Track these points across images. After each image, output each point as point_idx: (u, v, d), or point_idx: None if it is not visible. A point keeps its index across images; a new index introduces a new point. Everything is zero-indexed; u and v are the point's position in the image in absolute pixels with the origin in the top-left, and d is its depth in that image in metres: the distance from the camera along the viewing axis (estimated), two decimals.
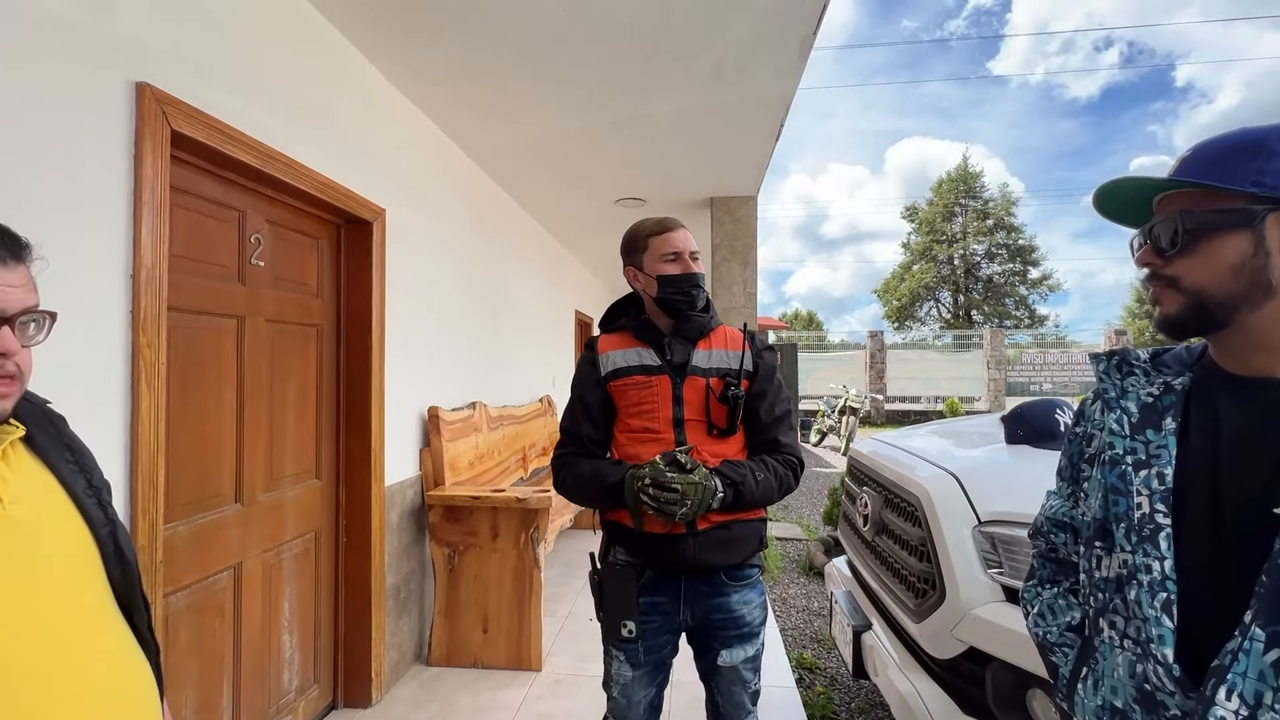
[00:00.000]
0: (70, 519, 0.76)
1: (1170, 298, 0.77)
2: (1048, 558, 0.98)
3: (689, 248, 1.43)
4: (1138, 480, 0.77)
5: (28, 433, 0.76)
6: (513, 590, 2.79)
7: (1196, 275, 0.74)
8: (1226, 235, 0.72)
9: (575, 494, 1.42)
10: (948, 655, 1.50)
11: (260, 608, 2.01)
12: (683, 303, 1.40)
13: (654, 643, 1.39)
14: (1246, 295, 0.71)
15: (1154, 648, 0.71)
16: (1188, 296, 0.75)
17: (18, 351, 0.70)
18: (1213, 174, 0.73)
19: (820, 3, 2.03)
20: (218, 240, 1.84)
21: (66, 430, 0.82)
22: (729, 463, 1.34)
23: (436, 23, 2.18)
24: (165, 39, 1.51)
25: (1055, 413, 1.72)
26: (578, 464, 1.41)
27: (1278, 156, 0.70)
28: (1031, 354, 16.73)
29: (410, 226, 2.79)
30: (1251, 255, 0.71)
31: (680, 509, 1.20)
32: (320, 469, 2.34)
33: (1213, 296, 0.73)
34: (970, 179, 30.80)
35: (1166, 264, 0.76)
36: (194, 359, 1.74)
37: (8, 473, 0.71)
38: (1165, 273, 0.76)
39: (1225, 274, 0.72)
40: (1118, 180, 0.82)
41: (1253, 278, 0.71)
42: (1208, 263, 0.73)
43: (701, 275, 1.43)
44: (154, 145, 1.45)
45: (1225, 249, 0.72)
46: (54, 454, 0.77)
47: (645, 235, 1.44)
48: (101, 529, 0.78)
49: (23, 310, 0.71)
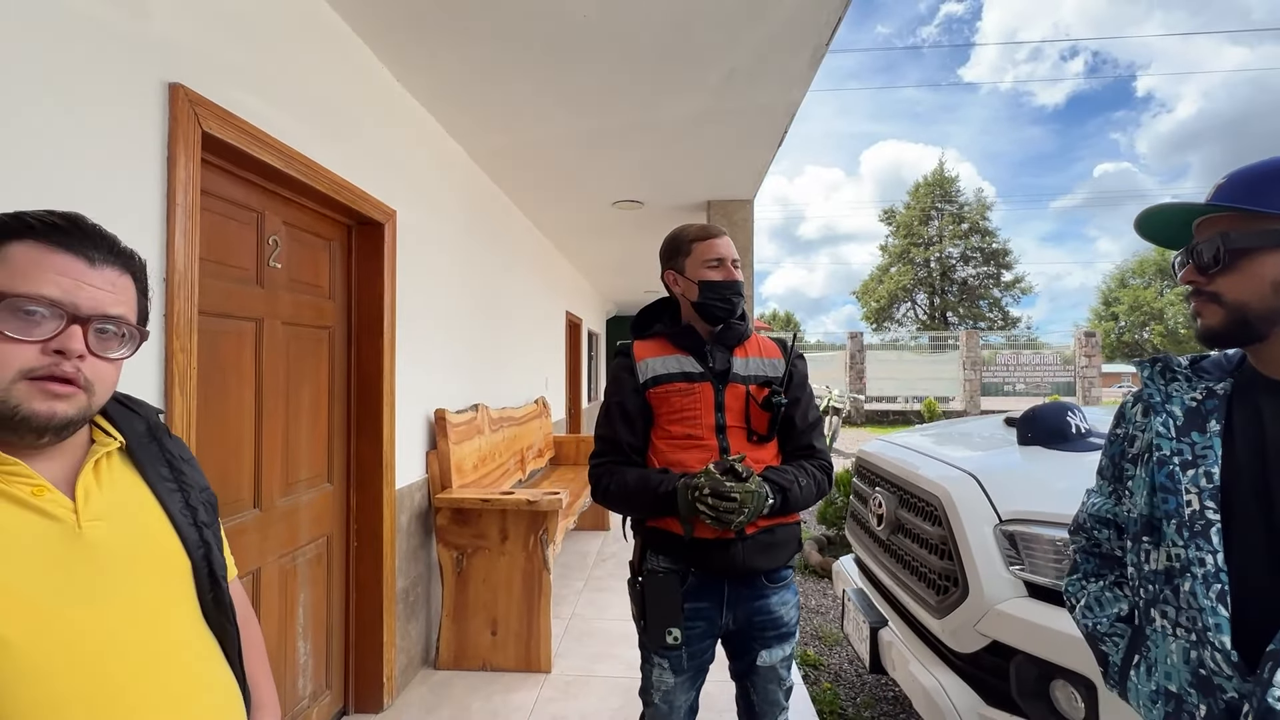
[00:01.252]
0: (164, 538, 0.73)
1: (1212, 311, 0.83)
2: (1091, 553, 1.03)
3: (732, 255, 1.45)
4: (1186, 479, 0.83)
5: (127, 445, 0.74)
6: (522, 593, 2.79)
7: (1238, 291, 0.80)
8: (1267, 254, 0.78)
9: (620, 503, 1.41)
10: (970, 649, 1.55)
11: (277, 614, 1.99)
12: (723, 309, 1.42)
13: (697, 648, 1.40)
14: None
15: (1211, 635, 0.76)
16: (1229, 311, 0.81)
17: (80, 353, 0.65)
18: (1251, 198, 0.80)
19: (837, 13, 2.08)
20: (239, 242, 1.82)
21: (170, 443, 0.80)
22: (774, 469, 1.36)
23: (449, 26, 2.18)
24: (195, 39, 1.49)
25: (1066, 415, 1.79)
26: (621, 473, 1.40)
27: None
28: (1005, 355, 17.15)
29: (418, 228, 2.78)
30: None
31: (739, 517, 1.23)
32: (332, 473, 2.32)
33: (1254, 310, 0.79)
34: (946, 183, 31.47)
35: (1209, 281, 0.83)
36: (217, 363, 1.72)
37: (94, 488, 0.68)
38: (1208, 289, 0.83)
39: (1266, 289, 0.78)
40: (1160, 206, 0.88)
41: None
42: (1249, 279, 0.79)
43: (742, 283, 1.45)
44: (186, 147, 1.43)
45: (1265, 267, 0.78)
46: (151, 469, 0.75)
47: (689, 240, 1.46)
48: (196, 550, 0.75)
49: (100, 314, 0.66)
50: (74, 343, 0.64)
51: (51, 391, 0.63)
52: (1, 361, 0.61)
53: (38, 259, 0.63)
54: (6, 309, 0.61)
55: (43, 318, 0.62)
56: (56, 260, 0.64)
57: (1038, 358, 16.86)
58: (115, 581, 0.66)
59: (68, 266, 0.65)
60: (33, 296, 0.62)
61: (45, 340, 0.63)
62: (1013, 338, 21.90)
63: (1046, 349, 17.46)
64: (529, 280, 5.03)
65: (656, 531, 1.41)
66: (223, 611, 0.77)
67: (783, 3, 2.04)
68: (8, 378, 0.61)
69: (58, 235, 0.65)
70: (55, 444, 0.67)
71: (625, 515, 1.48)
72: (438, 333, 3.03)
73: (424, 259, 2.86)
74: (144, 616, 0.68)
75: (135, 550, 0.69)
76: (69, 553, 0.63)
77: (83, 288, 0.65)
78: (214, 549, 0.78)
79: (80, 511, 0.66)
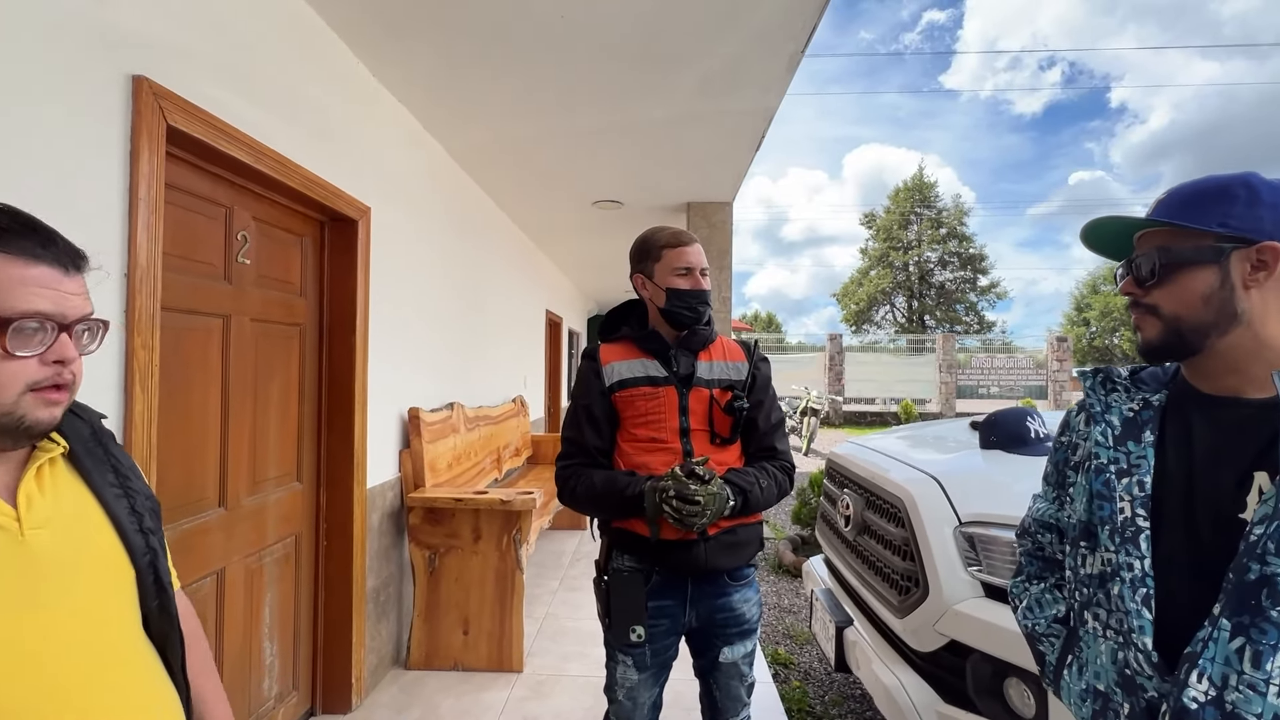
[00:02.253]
0: (107, 545, 0.72)
1: (1150, 324, 0.86)
2: (1034, 556, 1.06)
3: (701, 264, 1.46)
4: (1120, 487, 0.86)
5: (71, 450, 0.74)
6: (494, 592, 2.78)
7: (1172, 304, 0.83)
8: (1197, 269, 0.81)
9: (587, 505, 1.43)
10: (929, 648, 1.59)
11: (242, 614, 1.96)
12: (689, 318, 1.44)
13: (660, 645, 1.43)
14: (1215, 322, 0.81)
15: (1135, 637, 0.79)
16: (1166, 323, 0.84)
17: (75, 359, 0.69)
18: (1185, 215, 0.83)
19: (812, 21, 2.11)
20: (206, 237, 1.79)
21: (115, 449, 0.79)
22: (735, 471, 1.39)
23: (427, 21, 2.17)
24: (161, 31, 1.47)
25: (1025, 420, 1.84)
26: (588, 475, 1.41)
27: (1240, 202, 0.81)
28: (980, 358, 17.45)
29: (393, 225, 2.76)
30: (1219, 287, 0.80)
31: (701, 519, 1.25)
32: (301, 471, 2.30)
33: (1187, 323, 0.82)
34: (925, 189, 31.93)
35: (1146, 294, 0.86)
36: (181, 360, 1.69)
37: (37, 495, 0.68)
38: (1145, 301, 0.86)
39: (1197, 303, 0.81)
40: (1102, 218, 0.91)
41: (1221, 307, 0.80)
42: (1182, 293, 0.82)
43: (709, 292, 1.47)
44: (150, 140, 1.41)
45: (1196, 281, 0.81)
46: (97, 474, 0.74)
47: (660, 246, 1.47)
48: (141, 557, 0.74)
49: (81, 318, 0.70)
50: (70, 352, 0.68)
51: (51, 399, 0.67)
52: (10, 378, 0.64)
53: (21, 275, 0.65)
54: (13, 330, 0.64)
55: (35, 330, 0.65)
56: (36, 273, 0.66)
57: (1011, 361, 17.20)
58: (59, 589, 0.66)
59: (47, 278, 0.67)
60: (30, 314, 0.65)
61: (42, 352, 0.66)
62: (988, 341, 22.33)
63: (1020, 353, 17.81)
64: (508, 278, 5.01)
65: (622, 532, 1.42)
66: (168, 619, 0.77)
67: (758, 9, 2.07)
68: (16, 391, 0.65)
69: (29, 245, 0.67)
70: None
71: (591, 516, 1.50)
72: (413, 331, 3.01)
73: (400, 256, 2.84)
74: (88, 624, 0.68)
75: (79, 557, 0.69)
76: (11, 561, 0.63)
77: (66, 298, 0.68)
78: (160, 555, 0.77)
79: (23, 519, 0.65)
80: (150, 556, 0.76)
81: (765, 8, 2.06)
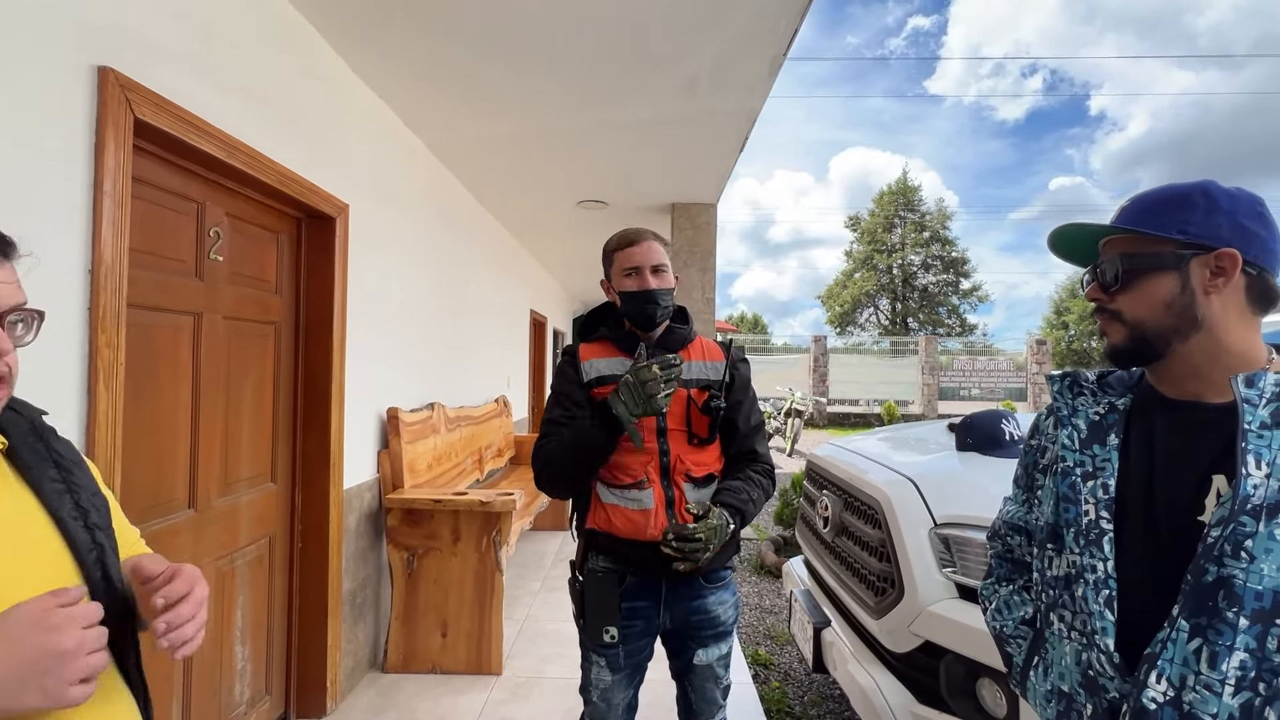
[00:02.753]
0: (48, 543, 0.70)
1: (1115, 329, 0.87)
2: (1004, 558, 1.08)
3: (649, 262, 1.41)
4: (1085, 490, 0.87)
5: (10, 446, 0.71)
6: (474, 594, 2.76)
7: (1135, 309, 0.85)
8: (1159, 275, 0.83)
9: (562, 459, 1.37)
10: (905, 649, 1.60)
11: (213, 618, 1.93)
12: (641, 320, 1.42)
13: (634, 646, 1.42)
14: (1177, 327, 0.82)
15: (1097, 638, 0.80)
16: (1130, 328, 0.85)
17: (9, 351, 0.67)
18: (1147, 222, 0.85)
19: (793, 25, 2.12)
20: (176, 233, 1.76)
21: (57, 444, 0.77)
22: (728, 493, 1.39)
23: (410, 18, 2.14)
24: (129, 22, 1.44)
25: (1001, 423, 1.86)
26: (560, 435, 1.38)
27: (1199, 209, 0.82)
28: (961, 360, 17.67)
29: (373, 223, 2.72)
30: (1179, 293, 0.82)
31: (705, 553, 1.26)
32: (276, 472, 2.26)
33: (1150, 328, 0.84)
34: (909, 192, 32.28)
35: (1111, 299, 0.87)
36: (149, 358, 1.66)
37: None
38: (1110, 307, 0.87)
39: (1159, 308, 0.83)
40: (1068, 225, 0.93)
41: (1181, 312, 0.82)
42: (1144, 298, 0.84)
43: (661, 290, 1.40)
44: (116, 133, 1.37)
45: (1158, 287, 0.83)
46: (38, 470, 0.72)
47: (611, 249, 1.46)
48: (88, 554, 0.72)
49: (13, 308, 0.67)
50: (5, 343, 0.66)
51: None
52: None
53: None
54: None
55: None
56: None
57: (992, 363, 17.43)
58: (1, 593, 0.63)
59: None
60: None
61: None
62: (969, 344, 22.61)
63: (1001, 355, 18.05)
64: (492, 277, 4.98)
65: (597, 533, 1.42)
66: (119, 617, 0.74)
67: (740, 11, 2.07)
68: None
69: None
70: None
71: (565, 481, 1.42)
72: (393, 329, 2.98)
73: (380, 254, 2.80)
74: None
75: (19, 556, 0.67)
76: None
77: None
78: (108, 552, 0.75)
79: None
80: (97, 553, 0.73)
81: (747, 10, 2.06)
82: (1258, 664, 0.70)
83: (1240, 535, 0.71)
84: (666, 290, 1.42)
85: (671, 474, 1.39)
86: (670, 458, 1.39)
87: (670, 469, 1.40)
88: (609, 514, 1.40)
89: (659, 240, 1.46)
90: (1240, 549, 0.71)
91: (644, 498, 1.38)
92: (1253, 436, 0.73)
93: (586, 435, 1.34)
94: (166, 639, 0.71)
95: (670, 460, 1.40)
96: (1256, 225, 0.82)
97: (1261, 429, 0.73)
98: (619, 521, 1.38)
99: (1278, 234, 0.83)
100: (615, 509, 1.39)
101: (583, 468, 1.39)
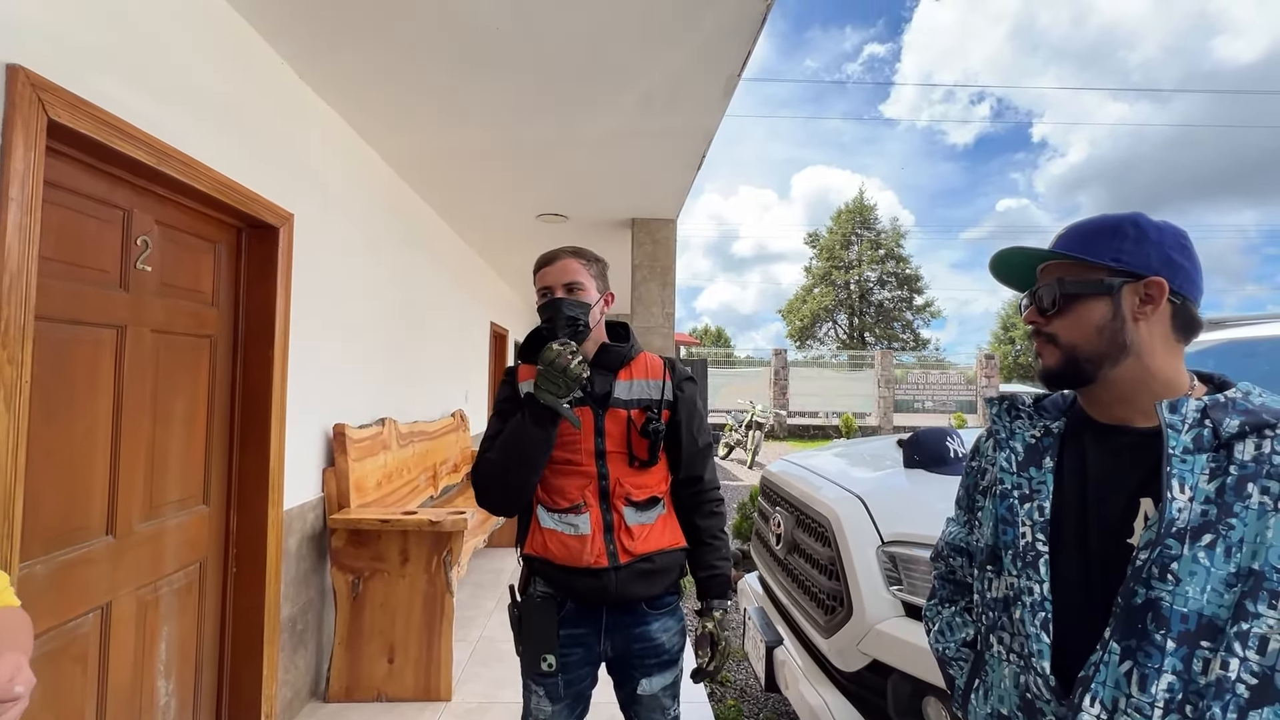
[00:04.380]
0: None
1: (1050, 352, 0.89)
2: (947, 579, 1.08)
3: (560, 280, 1.37)
4: (1022, 512, 0.88)
5: None
6: (422, 617, 2.66)
7: (1070, 333, 0.87)
8: (1092, 301, 0.85)
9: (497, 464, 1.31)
10: (853, 668, 1.60)
11: (132, 652, 1.80)
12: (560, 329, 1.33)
13: (574, 675, 1.37)
14: (1108, 352, 0.84)
15: (1034, 660, 0.81)
16: (1064, 351, 0.87)
17: None
18: (1082, 249, 0.87)
19: (746, 47, 2.15)
20: (98, 242, 1.65)
21: None
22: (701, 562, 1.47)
23: (361, 28, 2.09)
24: (46, 19, 1.35)
25: (946, 440, 1.90)
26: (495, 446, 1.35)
27: (1129, 239, 0.85)
28: (915, 374, 18.17)
29: (321, 233, 2.63)
30: (1111, 318, 0.84)
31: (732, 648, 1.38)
32: (209, 493, 2.14)
33: (1083, 352, 0.85)
34: (865, 211, 33.27)
35: (1047, 323, 0.89)
36: (63, 374, 1.55)
37: None
38: (1046, 330, 0.89)
39: (1092, 333, 0.85)
40: (1009, 249, 0.95)
41: (1112, 337, 0.84)
42: (1078, 323, 0.86)
43: (567, 301, 1.34)
44: (26, 136, 1.28)
45: (1091, 312, 0.85)
46: None
47: (534, 271, 1.43)
48: None
49: None
50: None
51: None
52: None
53: None
54: None
55: None
56: None
57: (945, 377, 17.98)
58: None
59: None
60: None
61: None
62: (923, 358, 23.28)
63: (952, 369, 18.64)
64: (449, 290, 4.88)
65: (534, 558, 1.38)
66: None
67: (696, 30, 2.09)
68: None
69: None
70: None
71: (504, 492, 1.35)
72: (341, 343, 2.87)
73: (329, 265, 2.71)
74: None
75: None
76: None
77: None
78: None
79: None
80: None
81: (704, 28, 2.08)
82: (1184, 686, 0.71)
83: (1166, 558, 0.73)
84: (576, 303, 1.34)
85: (611, 497, 1.35)
86: (609, 481, 1.35)
87: (610, 492, 1.35)
88: (545, 539, 1.35)
89: (581, 258, 1.40)
90: (1167, 571, 0.72)
91: (579, 523, 1.33)
92: (1176, 461, 0.75)
93: (520, 432, 1.28)
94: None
95: (609, 484, 1.35)
96: (1181, 257, 0.85)
97: (1185, 453, 0.75)
98: (555, 547, 1.33)
99: (1199, 266, 0.87)
100: (552, 534, 1.34)
101: (523, 472, 1.31)
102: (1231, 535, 0.71)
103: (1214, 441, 0.75)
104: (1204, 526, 0.72)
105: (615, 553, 1.32)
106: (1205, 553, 0.72)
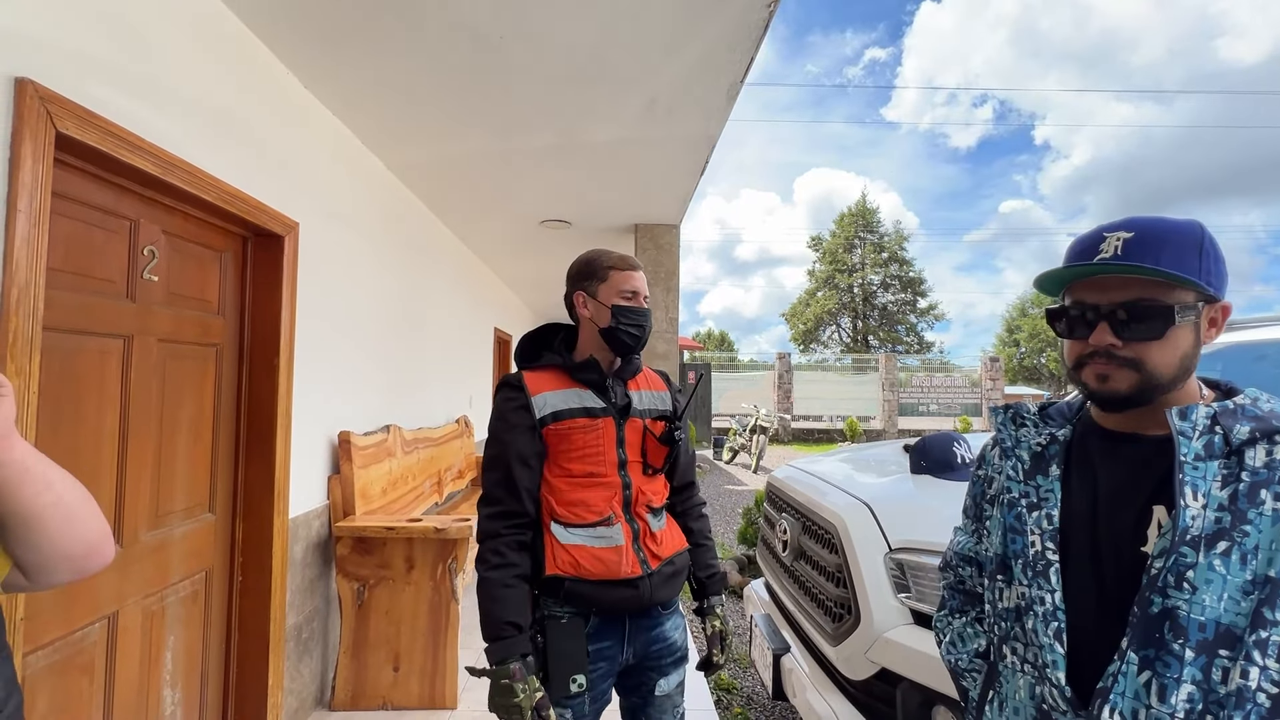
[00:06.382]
0: None
1: (1125, 377, 0.80)
2: (956, 589, 1.07)
3: (645, 291, 1.42)
4: (1031, 520, 0.87)
5: None
6: (428, 625, 2.65)
7: (1159, 359, 0.78)
8: (1185, 326, 0.79)
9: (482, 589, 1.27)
10: (862, 677, 1.59)
11: (138, 661, 1.80)
12: (633, 336, 1.37)
13: (599, 690, 1.34)
14: (1179, 377, 0.80)
15: (1049, 671, 0.80)
16: (1145, 377, 0.79)
17: None
18: (1172, 264, 0.77)
19: (749, 54, 2.15)
20: (105, 252, 1.66)
21: None
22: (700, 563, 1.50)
23: (366, 38, 2.10)
24: (53, 33, 1.36)
25: (953, 446, 1.89)
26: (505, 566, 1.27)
27: (1209, 256, 0.79)
28: (920, 377, 18.12)
29: (326, 241, 2.64)
30: (1194, 344, 0.80)
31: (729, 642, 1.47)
32: (215, 502, 2.14)
33: (1164, 377, 0.79)
34: (868, 214, 33.27)
35: (1126, 345, 0.79)
36: (70, 384, 1.55)
37: None
38: (1123, 354, 0.79)
39: (1177, 359, 0.79)
40: (1088, 265, 0.81)
41: (1188, 363, 0.80)
42: (1172, 350, 0.78)
43: (650, 315, 1.43)
44: (35, 148, 1.29)
45: (1183, 339, 0.79)
46: None
47: (607, 266, 1.39)
48: None
49: None
50: None
51: None
52: None
53: None
54: None
55: None
56: None
57: (949, 380, 17.91)
58: None
59: None
60: None
61: None
62: (927, 361, 23.22)
63: (957, 372, 18.57)
64: (453, 296, 4.89)
65: (562, 578, 1.29)
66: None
67: (698, 39, 2.10)
68: None
69: None
70: None
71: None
72: (346, 350, 2.88)
73: (333, 273, 2.72)
74: None
75: None
76: None
77: None
78: None
79: None
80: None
81: (706, 37, 2.08)
82: (1204, 696, 0.70)
83: (1182, 566, 0.72)
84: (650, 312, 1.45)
85: (634, 506, 1.35)
86: (633, 490, 1.35)
87: (633, 501, 1.35)
88: (575, 556, 1.28)
89: None
90: (1183, 580, 0.72)
91: (613, 534, 1.31)
92: (1189, 468, 0.74)
93: (491, 624, 1.23)
94: None
95: (633, 493, 1.35)
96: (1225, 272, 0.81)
97: (1196, 460, 0.74)
98: (588, 562, 1.28)
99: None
100: (581, 549, 1.29)
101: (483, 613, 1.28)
102: (1246, 542, 0.71)
103: (1225, 448, 0.74)
104: (1218, 534, 0.71)
105: (646, 560, 1.33)
106: (1221, 560, 0.71)
